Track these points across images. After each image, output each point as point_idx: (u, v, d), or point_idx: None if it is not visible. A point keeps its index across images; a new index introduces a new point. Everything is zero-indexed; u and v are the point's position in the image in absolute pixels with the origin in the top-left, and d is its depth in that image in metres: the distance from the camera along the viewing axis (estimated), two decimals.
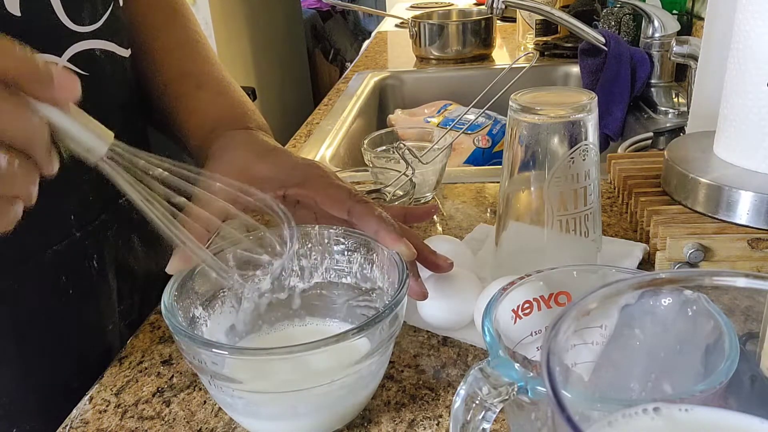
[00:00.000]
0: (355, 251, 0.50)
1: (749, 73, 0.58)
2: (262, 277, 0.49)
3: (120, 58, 0.58)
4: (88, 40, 0.53)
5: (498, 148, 1.16)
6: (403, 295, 0.43)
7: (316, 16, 3.75)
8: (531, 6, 1.15)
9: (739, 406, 0.27)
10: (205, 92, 0.62)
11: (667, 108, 1.06)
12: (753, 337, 0.31)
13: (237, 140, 0.56)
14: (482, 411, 0.32)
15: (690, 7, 1.14)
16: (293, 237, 0.46)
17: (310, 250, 0.51)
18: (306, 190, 0.51)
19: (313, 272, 0.51)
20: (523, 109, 0.51)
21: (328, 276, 0.51)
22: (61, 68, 0.32)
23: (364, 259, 0.50)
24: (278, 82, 2.99)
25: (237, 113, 0.61)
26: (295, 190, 0.52)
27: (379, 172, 0.76)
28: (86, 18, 0.53)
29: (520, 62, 0.78)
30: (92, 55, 0.54)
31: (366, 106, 1.29)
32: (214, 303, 0.48)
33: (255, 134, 0.58)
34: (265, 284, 0.49)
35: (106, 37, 0.55)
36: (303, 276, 0.52)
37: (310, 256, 0.51)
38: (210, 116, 0.60)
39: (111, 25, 0.56)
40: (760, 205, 0.56)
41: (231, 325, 0.49)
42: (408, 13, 1.95)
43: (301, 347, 0.37)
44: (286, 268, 0.49)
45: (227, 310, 0.49)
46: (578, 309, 0.27)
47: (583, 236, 0.53)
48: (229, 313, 0.49)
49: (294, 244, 0.47)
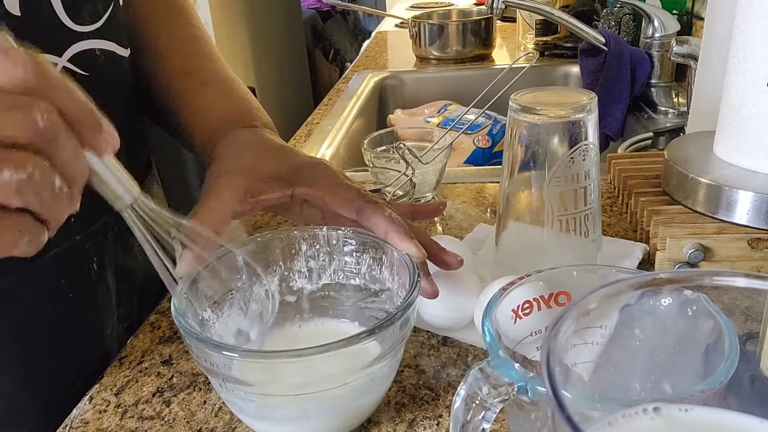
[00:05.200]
0: (363, 252, 0.50)
1: (749, 73, 0.58)
2: (271, 279, 0.49)
3: (120, 57, 0.58)
4: (88, 39, 0.53)
5: (498, 148, 1.16)
6: (415, 298, 0.42)
7: (316, 16, 3.75)
8: (531, 6, 1.15)
9: (739, 406, 0.27)
10: (210, 90, 0.61)
11: (667, 108, 1.06)
12: (753, 337, 0.31)
13: (243, 139, 0.56)
14: (482, 411, 0.32)
15: (690, 7, 1.14)
16: (274, 310, 0.47)
17: (318, 252, 0.50)
18: (314, 189, 0.51)
19: (321, 274, 0.51)
20: (523, 109, 0.51)
21: (337, 277, 0.51)
22: (107, 121, 0.35)
23: (373, 260, 0.49)
24: (278, 82, 2.99)
25: (242, 111, 0.60)
26: (302, 189, 0.51)
27: (379, 172, 0.76)
28: (87, 18, 0.53)
29: (520, 62, 0.78)
30: (92, 55, 0.54)
31: (366, 106, 1.29)
32: (223, 305, 0.48)
33: (261, 132, 0.57)
34: (273, 286, 0.49)
35: (106, 36, 0.55)
36: (311, 278, 0.51)
37: (318, 257, 0.51)
38: (215, 114, 0.59)
39: (111, 25, 0.55)
40: (760, 205, 0.56)
41: (239, 327, 0.49)
42: (408, 13, 1.95)
43: (311, 350, 0.37)
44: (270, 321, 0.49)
45: (235, 312, 0.48)
46: (578, 309, 0.27)
47: (583, 236, 0.53)
48: (237, 315, 0.48)
49: (274, 312, 0.47)
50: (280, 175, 0.51)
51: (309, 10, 3.72)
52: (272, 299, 0.48)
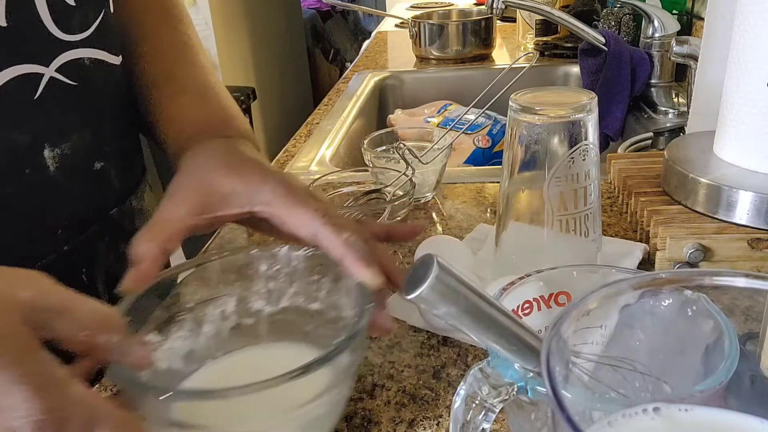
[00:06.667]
0: (324, 276, 0.46)
1: (749, 73, 0.58)
2: (227, 300, 0.46)
3: (111, 66, 0.56)
4: (77, 48, 0.52)
5: (498, 148, 1.16)
6: (360, 330, 0.38)
7: (316, 16, 3.75)
8: (531, 6, 1.15)
9: (739, 406, 0.27)
10: (185, 97, 0.59)
11: (667, 108, 1.06)
12: (753, 337, 0.31)
13: (207, 151, 0.53)
14: (482, 411, 0.32)
15: (690, 7, 1.14)
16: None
17: (278, 273, 0.47)
18: (273, 208, 0.47)
19: (281, 296, 0.47)
20: (523, 109, 0.51)
21: (297, 300, 0.47)
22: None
23: (333, 285, 0.46)
24: (278, 82, 2.99)
25: (216, 120, 0.57)
26: (261, 208, 0.48)
27: (379, 172, 0.76)
28: (76, 26, 0.52)
29: (520, 62, 0.78)
30: (81, 64, 0.53)
31: (366, 106, 1.29)
32: (170, 326, 0.44)
33: (232, 143, 0.54)
34: (230, 307, 0.46)
35: (96, 45, 0.54)
36: (270, 299, 0.47)
37: (278, 278, 0.47)
38: (189, 123, 0.57)
39: (102, 33, 0.54)
40: (760, 205, 0.56)
41: (190, 350, 0.45)
42: (408, 13, 1.95)
43: (231, 390, 0.34)
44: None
45: (185, 334, 0.45)
46: (578, 309, 0.27)
47: (583, 236, 0.53)
48: (186, 338, 0.45)
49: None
50: (241, 191, 0.48)
51: (309, 10, 3.72)
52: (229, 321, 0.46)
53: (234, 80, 2.53)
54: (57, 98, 0.51)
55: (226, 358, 0.47)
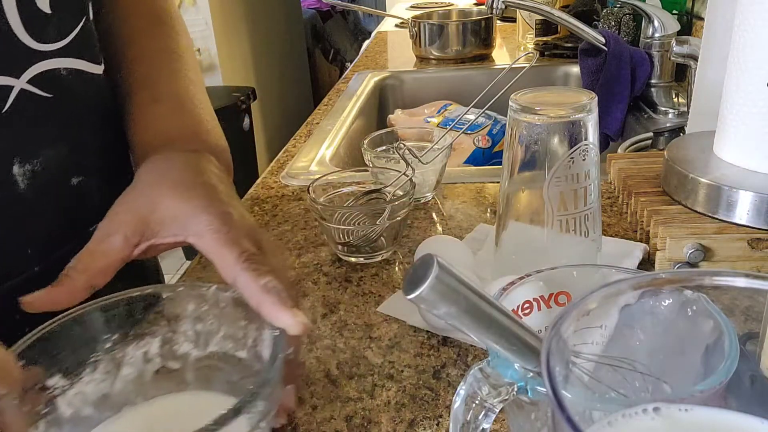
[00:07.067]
0: (251, 321, 0.42)
1: (749, 73, 0.58)
2: (150, 340, 0.42)
3: (90, 75, 0.53)
4: (53, 58, 0.49)
5: (498, 148, 1.16)
6: (271, 380, 0.35)
7: (316, 16, 3.75)
8: (531, 6, 1.15)
9: (739, 406, 0.27)
10: (159, 106, 0.55)
11: (667, 108, 1.06)
12: (753, 337, 0.31)
13: (164, 165, 0.50)
14: (482, 411, 0.32)
15: (690, 7, 1.14)
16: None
17: (206, 314, 0.43)
18: (203, 243, 0.44)
19: (209, 339, 0.43)
20: (523, 109, 0.51)
21: (226, 345, 0.43)
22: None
23: (257, 334, 0.41)
24: (278, 82, 2.99)
25: (189, 133, 0.54)
26: (193, 240, 0.45)
27: (379, 172, 0.76)
28: (52, 35, 0.48)
29: (520, 62, 0.78)
30: (57, 74, 0.49)
31: (366, 106, 1.29)
32: (82, 369, 0.40)
33: (194, 159, 0.50)
34: (154, 348, 0.43)
35: (74, 54, 0.51)
36: (198, 342, 0.43)
37: (206, 320, 0.43)
38: (160, 132, 0.54)
39: (81, 41, 0.51)
40: (760, 205, 0.56)
41: (104, 394, 0.41)
42: (408, 13, 1.95)
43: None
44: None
45: (99, 377, 0.41)
46: (578, 309, 0.27)
47: (583, 236, 0.53)
48: (102, 381, 0.41)
49: None
50: (179, 217, 0.45)
51: (309, 10, 3.73)
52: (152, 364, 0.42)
53: (234, 80, 2.53)
54: (28, 111, 0.48)
55: (146, 404, 0.42)
